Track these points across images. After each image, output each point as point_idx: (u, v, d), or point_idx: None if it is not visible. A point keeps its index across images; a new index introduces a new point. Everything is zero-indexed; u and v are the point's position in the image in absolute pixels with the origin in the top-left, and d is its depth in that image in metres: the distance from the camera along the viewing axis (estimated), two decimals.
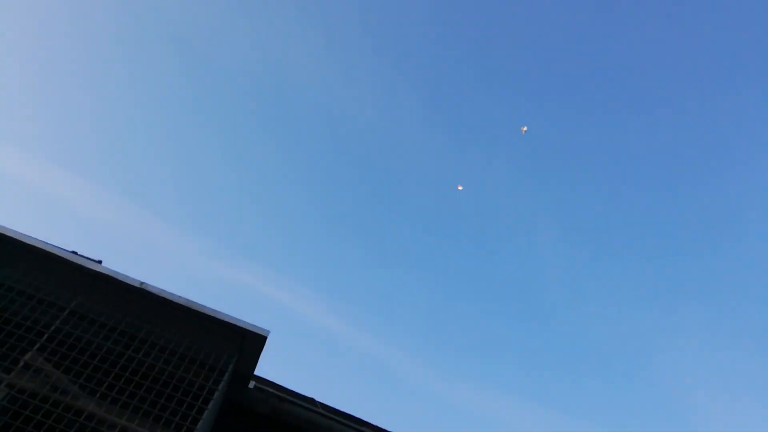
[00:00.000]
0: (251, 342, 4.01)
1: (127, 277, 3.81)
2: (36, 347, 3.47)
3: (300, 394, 4.62)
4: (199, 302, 3.94)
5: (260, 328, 3.95)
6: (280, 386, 4.57)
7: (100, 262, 4.59)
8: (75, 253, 4.46)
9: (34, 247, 3.90)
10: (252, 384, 4.37)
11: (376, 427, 4.70)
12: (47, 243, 4.00)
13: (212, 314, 3.86)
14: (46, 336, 3.54)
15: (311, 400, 4.66)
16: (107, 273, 3.78)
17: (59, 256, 3.91)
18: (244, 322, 3.93)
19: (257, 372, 4.63)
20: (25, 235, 3.90)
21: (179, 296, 3.84)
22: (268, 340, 4.11)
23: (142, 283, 3.79)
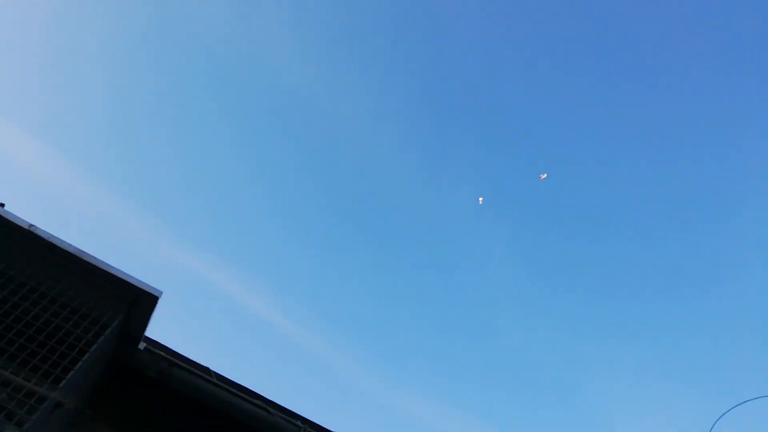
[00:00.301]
0: (143, 301, 3.91)
1: (17, 217, 3.67)
2: None
3: (194, 362, 4.52)
4: (92, 254, 3.82)
5: (152, 288, 3.86)
6: (173, 351, 4.46)
7: (2, 205, 4.43)
8: None
9: None
10: (142, 346, 4.27)
11: (271, 401, 4.64)
12: None
13: (102, 267, 3.75)
14: None
15: (206, 369, 4.58)
16: None
17: None
18: (136, 279, 3.83)
19: (153, 336, 4.54)
20: None
21: (69, 244, 3.71)
22: (161, 302, 4.04)
23: (30, 225, 3.66)
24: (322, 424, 4.75)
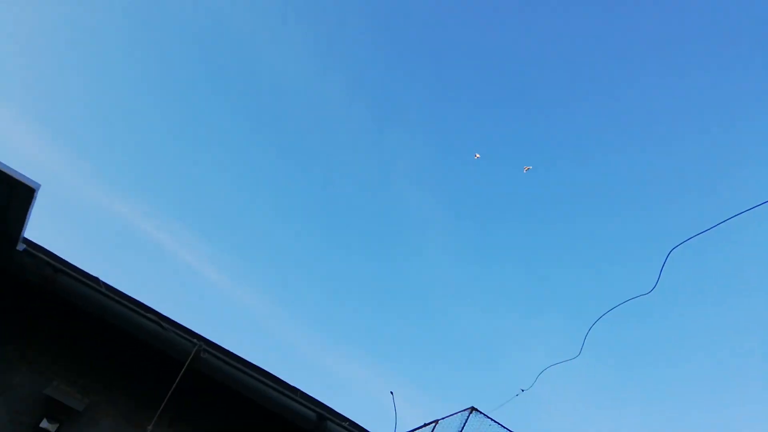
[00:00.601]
0: (17, 194, 3.60)
1: None
2: None
3: (81, 270, 4.26)
4: None
5: (28, 179, 3.55)
6: (58, 257, 4.18)
7: None
8: None
9: None
10: (21, 247, 3.96)
11: (165, 316, 4.45)
12: None
13: None
14: None
15: (94, 279, 4.32)
16: None
17: None
18: (9, 168, 3.50)
19: (38, 241, 4.24)
20: None
21: None
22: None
23: None
24: (219, 343, 4.61)
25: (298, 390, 4.79)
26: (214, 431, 4.50)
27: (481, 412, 10.42)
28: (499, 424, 9.96)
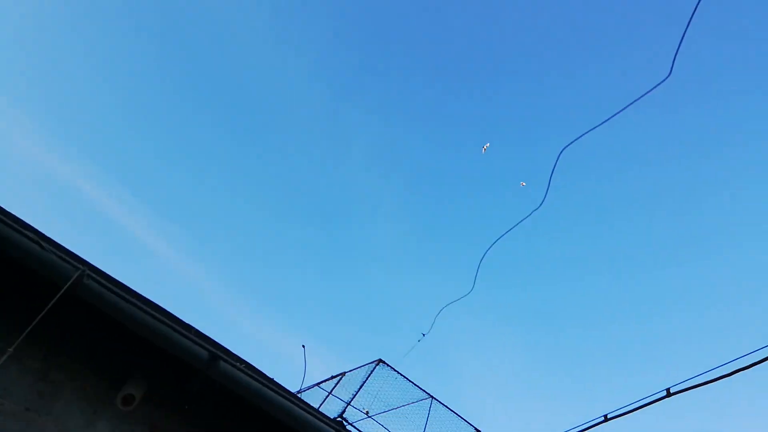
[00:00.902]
0: None
1: None
2: None
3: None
4: None
5: None
6: None
7: None
8: None
9: None
10: None
11: (45, 235, 4.04)
12: None
13: None
14: None
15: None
16: None
17: None
18: None
19: None
20: None
21: None
22: None
23: None
24: (107, 272, 4.25)
25: (192, 327, 4.53)
26: (94, 366, 4.19)
27: (387, 365, 10.51)
28: (402, 375, 10.10)
